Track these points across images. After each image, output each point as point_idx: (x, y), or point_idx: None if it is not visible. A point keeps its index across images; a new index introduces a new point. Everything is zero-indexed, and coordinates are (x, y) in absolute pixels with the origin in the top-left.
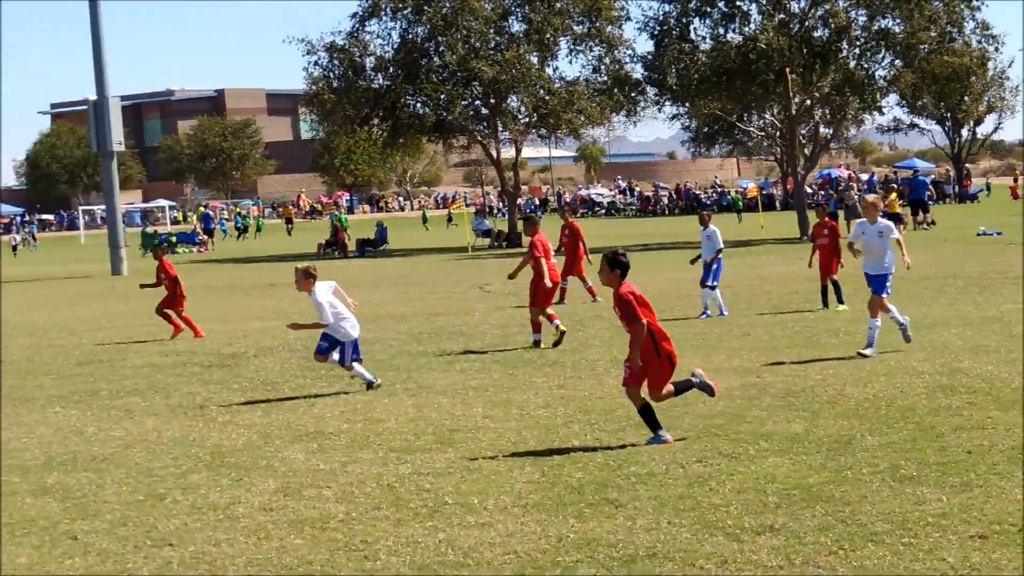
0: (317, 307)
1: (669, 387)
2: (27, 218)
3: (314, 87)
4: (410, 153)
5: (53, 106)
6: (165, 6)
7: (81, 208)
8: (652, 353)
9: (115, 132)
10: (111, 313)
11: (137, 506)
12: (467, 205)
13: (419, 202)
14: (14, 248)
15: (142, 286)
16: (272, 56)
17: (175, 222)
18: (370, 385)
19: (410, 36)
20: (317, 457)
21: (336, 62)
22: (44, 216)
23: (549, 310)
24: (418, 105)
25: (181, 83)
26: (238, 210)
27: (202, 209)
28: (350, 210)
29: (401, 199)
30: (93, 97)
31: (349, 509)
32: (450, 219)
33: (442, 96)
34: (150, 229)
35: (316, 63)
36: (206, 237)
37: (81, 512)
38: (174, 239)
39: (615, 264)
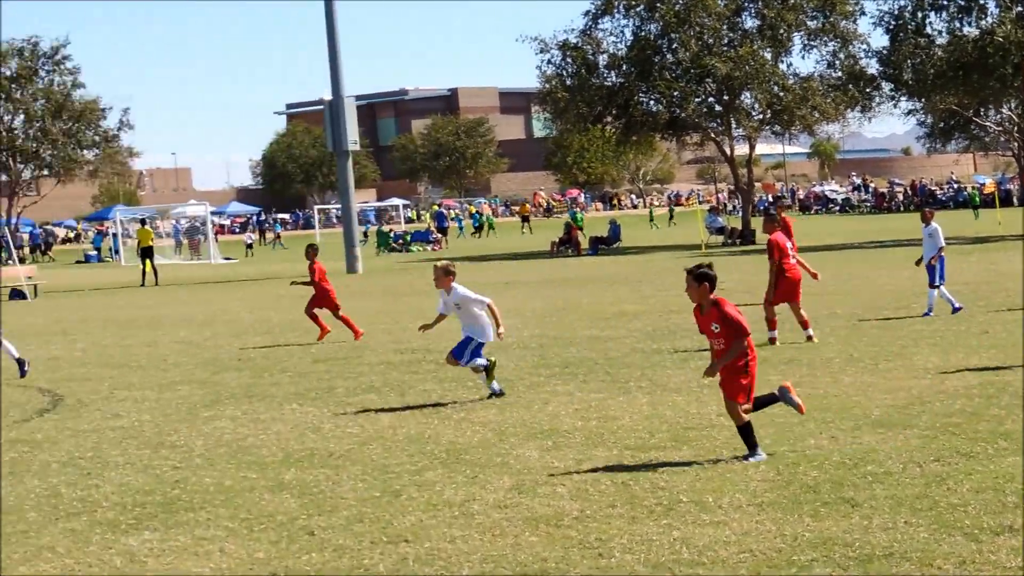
0: (464, 300)
1: (748, 405)
2: (263, 217)
3: (547, 85)
4: (643, 151)
5: (289, 106)
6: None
7: (316, 207)
8: (741, 366)
9: (350, 131)
10: (346, 311)
11: (373, 502)
12: (700, 202)
13: (651, 200)
14: (248, 246)
15: (293, 283)
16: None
17: (409, 220)
18: (494, 394)
19: (643, 33)
20: (551, 455)
21: (569, 60)
22: (280, 215)
23: (804, 315)
24: (651, 102)
25: (415, 82)
26: (473, 208)
27: (436, 207)
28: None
29: (634, 197)
30: (328, 97)
31: (583, 507)
32: (671, 217)
33: (675, 93)
34: (385, 228)
35: (549, 61)
36: (440, 235)
37: (318, 508)
38: (408, 238)
39: (702, 278)
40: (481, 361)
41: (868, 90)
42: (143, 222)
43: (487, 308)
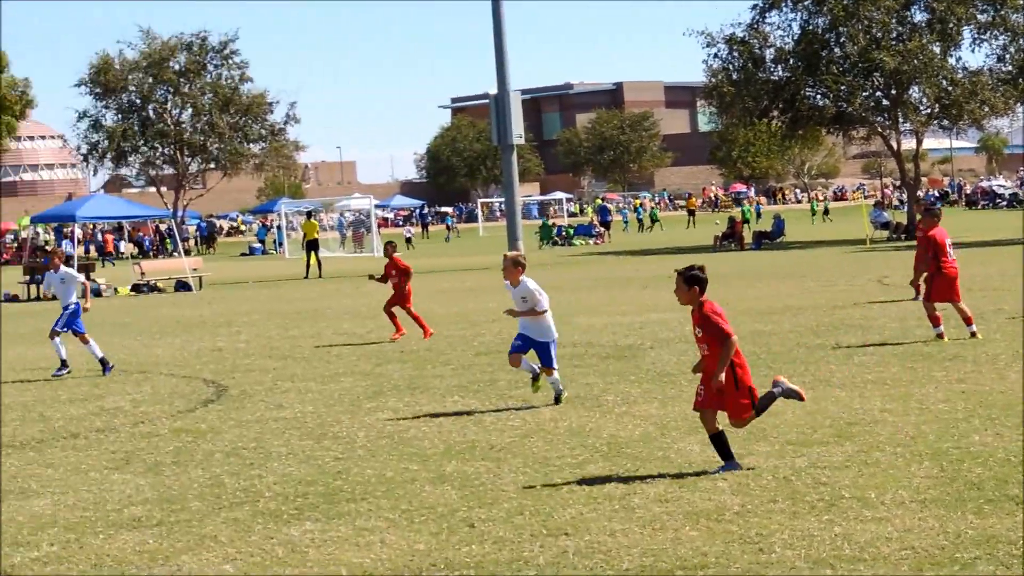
0: (532, 295)
1: (750, 411)
2: (426, 211)
3: (713, 79)
4: (808, 145)
5: (453, 100)
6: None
7: (480, 201)
8: (731, 384)
9: (515, 125)
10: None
11: (533, 495)
12: (865, 197)
13: (815, 194)
14: (408, 240)
15: (371, 277)
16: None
17: (572, 214)
18: (558, 398)
19: (810, 27)
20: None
21: (736, 54)
22: (443, 209)
23: (966, 310)
24: (818, 96)
25: (580, 77)
26: (639, 202)
27: (599, 201)
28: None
29: (798, 191)
30: (494, 91)
31: (744, 501)
32: (826, 212)
33: (842, 87)
34: (549, 221)
35: (716, 55)
36: (603, 229)
37: (478, 500)
38: (571, 232)
39: (693, 281)
40: (533, 366)
41: None
42: (309, 215)
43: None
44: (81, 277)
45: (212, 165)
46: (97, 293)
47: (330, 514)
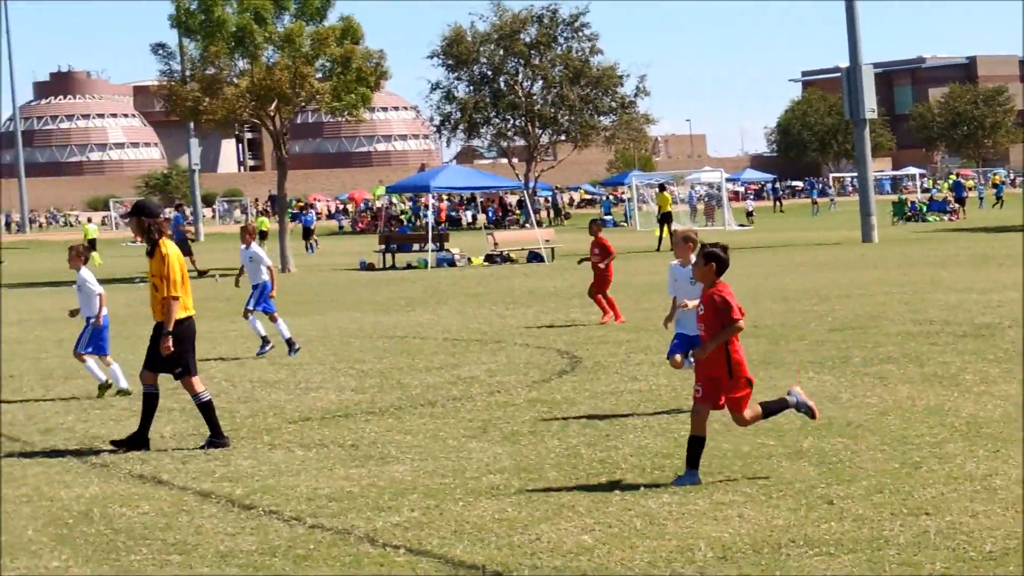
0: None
1: (756, 408)
2: (776, 185)
3: None
4: None
5: (804, 74)
6: None
7: (831, 175)
8: (724, 372)
9: (867, 100)
10: (862, 280)
11: (892, 473)
12: None
13: None
14: (749, 214)
15: (580, 261)
16: None
17: (925, 190)
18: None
19: None
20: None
21: None
22: (794, 183)
23: None
24: None
25: (932, 50)
26: (997, 178)
27: (953, 177)
28: None
29: None
30: (846, 64)
31: None
32: None
33: None
34: (901, 197)
35: None
36: (957, 206)
37: (836, 477)
38: (924, 207)
39: (711, 258)
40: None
41: None
42: (662, 187)
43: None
44: (268, 261)
45: (563, 137)
46: (451, 263)
47: (687, 487)
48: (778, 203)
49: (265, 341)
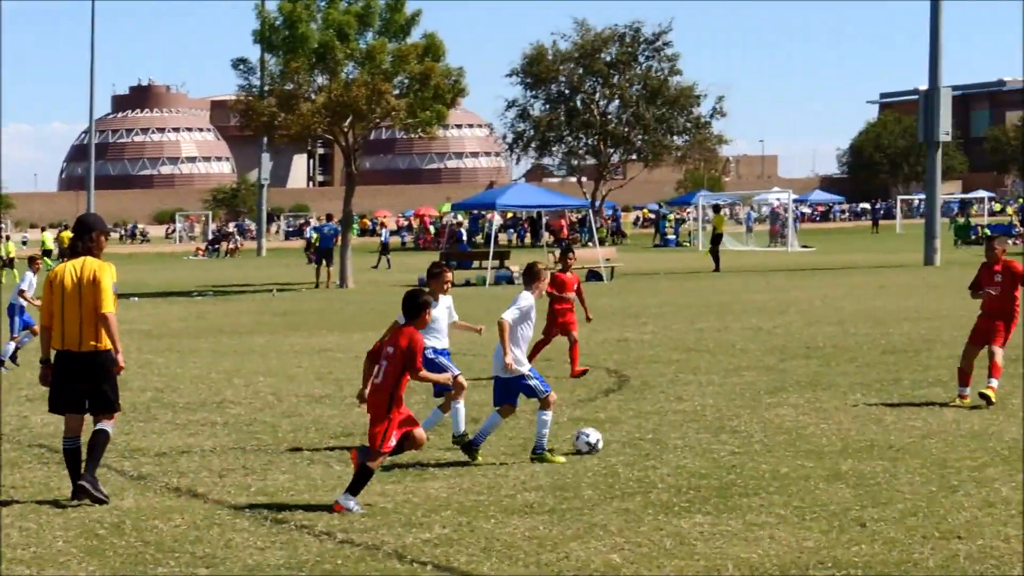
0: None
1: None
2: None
3: None
4: None
5: (882, 95)
6: None
7: (900, 198)
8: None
9: (943, 122)
10: (920, 304)
11: (928, 497)
12: None
13: None
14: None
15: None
16: None
17: (992, 213)
18: None
19: None
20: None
21: None
22: (862, 205)
23: None
24: None
25: (1014, 73)
26: None
27: (1022, 201)
28: None
29: None
30: (924, 87)
31: None
32: None
33: None
34: (960, 219)
35: None
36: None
37: (872, 499)
38: (987, 231)
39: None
40: None
41: None
42: (716, 208)
43: None
44: (23, 285)
45: (634, 156)
46: (510, 280)
47: (721, 508)
48: (875, 224)
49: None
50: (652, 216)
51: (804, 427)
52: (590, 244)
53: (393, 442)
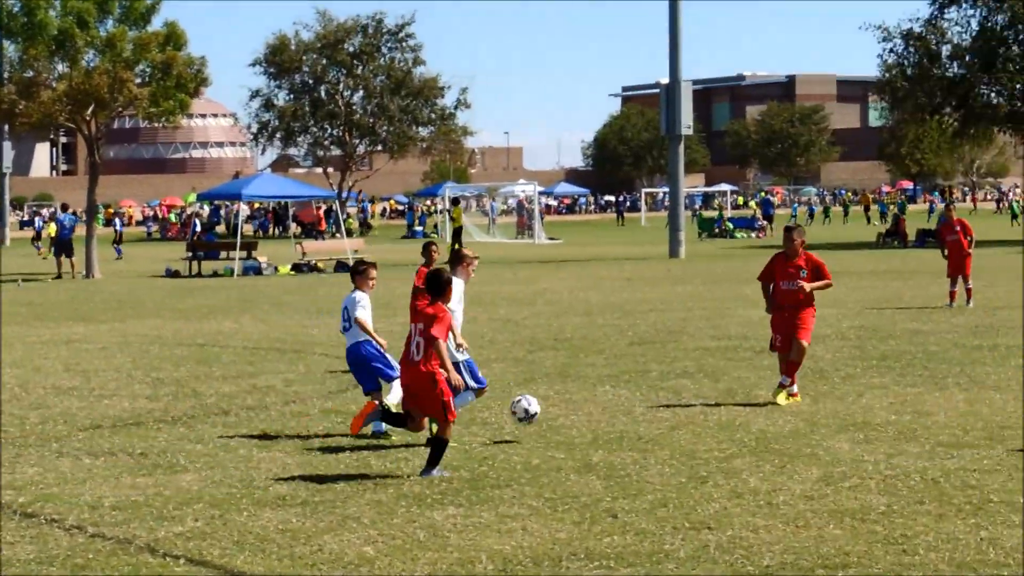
0: None
1: None
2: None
3: (887, 74)
4: (980, 144)
5: (624, 89)
6: None
7: (644, 190)
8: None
9: (685, 116)
10: (666, 295)
11: (678, 488)
12: None
13: (985, 193)
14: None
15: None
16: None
17: (736, 207)
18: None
19: (989, 24)
20: (862, 448)
21: (912, 50)
22: (607, 197)
23: None
24: (992, 94)
25: (752, 68)
26: (798, 198)
27: (763, 195)
28: (912, 199)
29: (965, 189)
30: (665, 80)
31: (891, 502)
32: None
33: (1018, 86)
34: (707, 213)
35: (891, 50)
36: (765, 223)
37: (623, 491)
38: (730, 224)
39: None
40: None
41: None
42: (455, 201)
43: None
44: None
45: (379, 147)
46: (257, 271)
47: (473, 500)
48: (620, 217)
49: None
50: (400, 208)
51: (555, 419)
52: (337, 235)
53: (458, 410)
